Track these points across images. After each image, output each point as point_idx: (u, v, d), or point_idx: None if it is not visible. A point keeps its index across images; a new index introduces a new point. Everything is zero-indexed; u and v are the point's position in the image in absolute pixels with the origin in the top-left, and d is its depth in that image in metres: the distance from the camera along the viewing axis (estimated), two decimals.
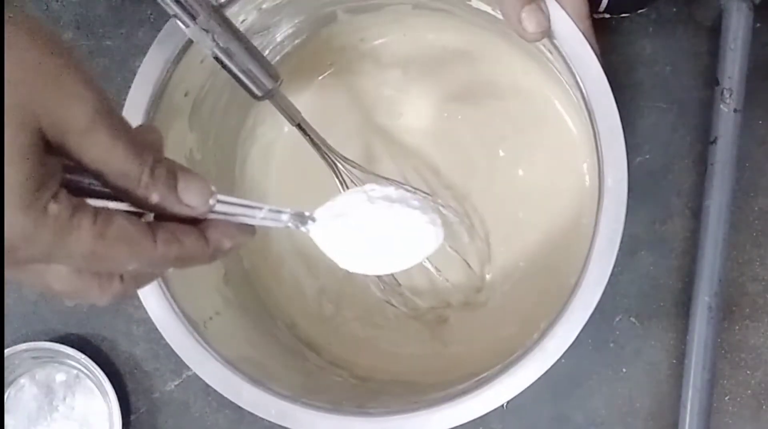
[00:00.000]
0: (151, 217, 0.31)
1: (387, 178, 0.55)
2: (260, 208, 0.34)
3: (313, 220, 0.36)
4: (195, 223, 0.32)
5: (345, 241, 0.36)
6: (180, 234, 0.31)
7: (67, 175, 0.29)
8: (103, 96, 0.28)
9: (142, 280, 0.33)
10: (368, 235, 0.36)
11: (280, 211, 0.35)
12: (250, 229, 0.34)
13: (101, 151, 0.28)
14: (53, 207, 0.26)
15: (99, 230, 0.28)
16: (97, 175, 0.29)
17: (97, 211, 0.28)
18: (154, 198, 0.30)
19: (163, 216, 0.31)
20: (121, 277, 0.31)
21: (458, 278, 0.56)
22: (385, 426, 0.45)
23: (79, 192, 0.29)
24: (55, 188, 0.27)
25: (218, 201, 0.32)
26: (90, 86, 0.28)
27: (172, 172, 0.30)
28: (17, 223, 0.25)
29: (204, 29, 0.40)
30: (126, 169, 0.29)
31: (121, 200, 0.30)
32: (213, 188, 0.31)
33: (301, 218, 0.36)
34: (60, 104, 0.26)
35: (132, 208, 0.30)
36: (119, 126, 0.28)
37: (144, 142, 0.30)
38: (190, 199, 0.31)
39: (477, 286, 0.56)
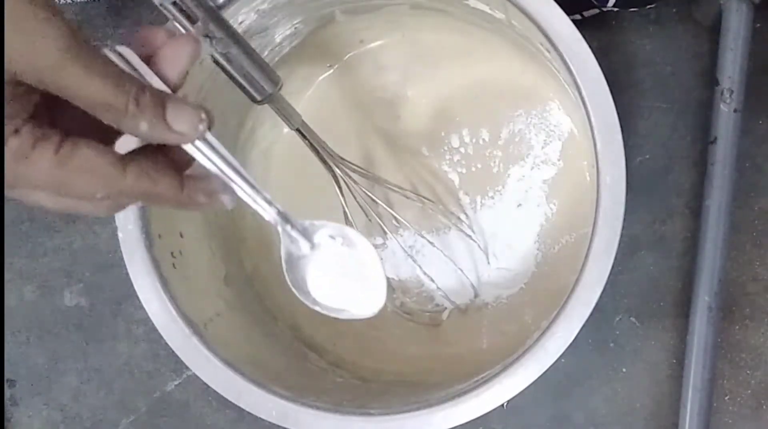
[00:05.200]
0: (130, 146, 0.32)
1: (386, 181, 0.55)
2: (245, 178, 0.34)
3: (294, 226, 0.36)
4: (178, 169, 0.33)
5: (312, 263, 0.37)
6: (154, 172, 0.32)
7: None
8: (73, 33, 0.29)
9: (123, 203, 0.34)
10: (333, 272, 0.37)
11: (259, 192, 0.34)
12: (230, 195, 0.34)
13: (78, 85, 0.29)
14: (13, 141, 0.29)
15: (60, 160, 0.29)
16: (87, 110, 0.30)
17: (62, 142, 0.30)
18: (143, 126, 0.30)
19: (159, 151, 0.32)
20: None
21: (453, 286, 0.56)
22: (386, 426, 0.45)
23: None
24: (18, 124, 0.29)
25: (207, 141, 0.32)
26: (55, 25, 0.28)
27: (160, 100, 0.31)
28: None
29: (203, 34, 0.40)
30: (108, 99, 0.29)
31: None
32: (203, 116, 0.32)
33: (285, 217, 0.35)
34: (25, 46, 0.28)
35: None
36: (93, 59, 0.29)
37: (124, 73, 0.31)
38: (179, 125, 0.31)
39: (472, 292, 0.56)
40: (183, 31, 0.40)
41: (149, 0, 0.38)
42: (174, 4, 0.39)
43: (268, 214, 0.35)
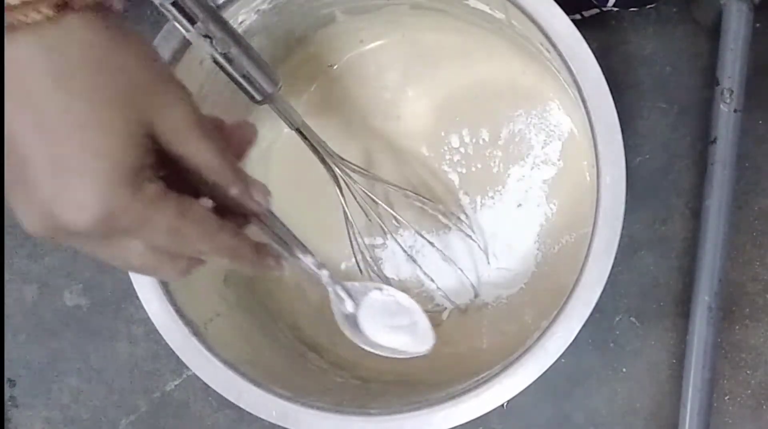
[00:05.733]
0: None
1: (387, 181, 0.55)
2: (301, 246, 0.39)
3: (342, 287, 0.41)
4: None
5: (362, 314, 0.42)
6: (239, 233, 0.36)
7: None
8: (195, 102, 0.33)
9: (198, 263, 0.37)
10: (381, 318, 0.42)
11: (313, 257, 0.39)
12: (285, 261, 0.38)
13: (196, 148, 0.33)
14: (149, 186, 0.31)
15: (181, 210, 0.32)
16: (191, 170, 0.33)
17: (179, 195, 0.33)
18: (234, 191, 0.35)
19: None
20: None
21: (453, 286, 0.56)
22: (386, 426, 0.45)
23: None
24: (151, 173, 0.32)
25: (271, 212, 0.37)
26: (188, 93, 0.33)
27: (245, 173, 0.35)
28: (120, 194, 0.30)
29: (203, 34, 0.40)
30: (215, 164, 0.33)
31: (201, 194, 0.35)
32: (269, 190, 0.36)
33: (334, 280, 0.40)
34: (168, 106, 0.32)
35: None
36: (211, 128, 0.34)
37: (224, 143, 0.35)
38: (257, 195, 0.36)
39: (472, 292, 0.56)
40: (183, 31, 0.40)
41: (149, 0, 0.38)
42: (174, 4, 0.39)
43: (320, 276, 0.40)
